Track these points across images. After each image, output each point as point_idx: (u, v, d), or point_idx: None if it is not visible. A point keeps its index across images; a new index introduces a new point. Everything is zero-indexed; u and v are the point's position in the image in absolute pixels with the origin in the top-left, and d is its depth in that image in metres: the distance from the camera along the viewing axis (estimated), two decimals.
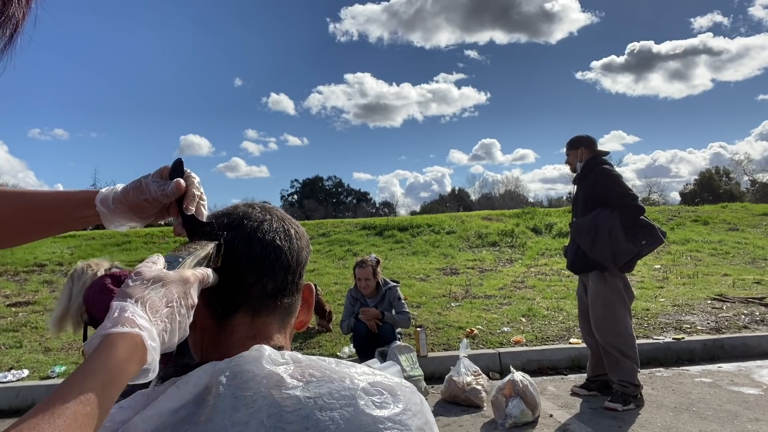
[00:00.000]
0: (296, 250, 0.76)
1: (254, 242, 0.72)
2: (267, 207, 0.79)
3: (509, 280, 7.69)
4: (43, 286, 7.99)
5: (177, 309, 0.59)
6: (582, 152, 4.07)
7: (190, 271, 0.63)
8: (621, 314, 3.81)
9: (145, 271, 0.59)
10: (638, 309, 5.83)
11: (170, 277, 0.60)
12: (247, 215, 0.75)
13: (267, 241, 0.73)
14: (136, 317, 0.54)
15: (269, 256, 0.72)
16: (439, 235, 10.78)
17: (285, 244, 0.74)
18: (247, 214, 0.75)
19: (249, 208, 0.77)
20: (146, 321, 0.55)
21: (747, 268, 8.26)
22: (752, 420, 3.43)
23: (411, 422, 0.62)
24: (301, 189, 53.38)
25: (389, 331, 4.55)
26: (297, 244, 0.76)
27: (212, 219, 0.76)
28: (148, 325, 0.54)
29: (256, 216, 0.75)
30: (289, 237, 0.75)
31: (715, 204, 14.69)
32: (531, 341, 5.11)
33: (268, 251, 0.72)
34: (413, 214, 23.14)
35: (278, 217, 0.78)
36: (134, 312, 0.54)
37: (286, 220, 0.78)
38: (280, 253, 0.73)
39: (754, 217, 12.01)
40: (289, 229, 0.77)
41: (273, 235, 0.73)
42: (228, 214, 0.76)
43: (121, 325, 0.52)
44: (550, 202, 41.99)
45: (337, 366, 0.67)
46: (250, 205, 0.78)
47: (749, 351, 4.91)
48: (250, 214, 0.75)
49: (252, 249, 0.72)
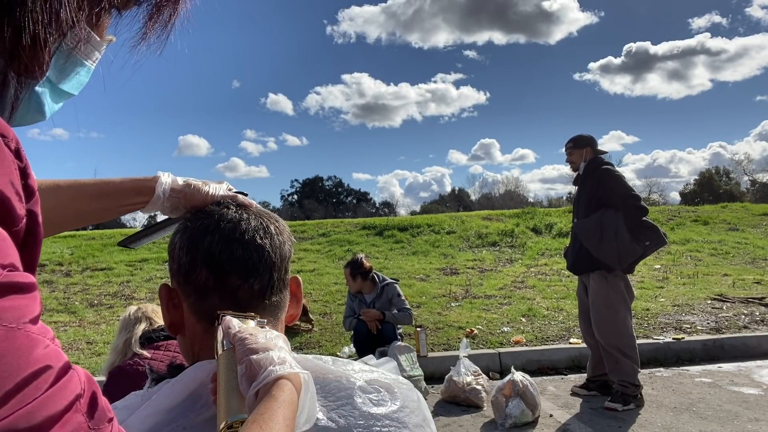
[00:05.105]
0: (278, 245, 0.73)
1: (234, 244, 0.70)
2: (242, 204, 0.77)
3: (509, 280, 7.68)
4: (43, 286, 8.00)
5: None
6: (586, 152, 4.06)
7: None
8: (622, 314, 3.80)
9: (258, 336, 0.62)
10: (638, 309, 5.83)
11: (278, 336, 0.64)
12: (223, 217, 0.73)
13: (247, 241, 0.70)
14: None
15: (251, 256, 0.70)
16: (439, 235, 10.77)
17: (266, 241, 0.72)
18: (223, 216, 0.73)
19: (224, 209, 0.74)
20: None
21: (747, 268, 8.25)
22: (752, 420, 3.43)
23: (408, 419, 0.62)
24: (301, 189, 53.41)
25: (390, 331, 4.54)
26: (278, 239, 0.74)
27: (186, 224, 0.74)
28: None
29: (232, 216, 0.73)
30: (269, 234, 0.73)
31: (715, 204, 14.67)
32: (531, 341, 5.10)
33: (250, 252, 0.70)
34: (413, 214, 23.12)
35: (255, 214, 0.75)
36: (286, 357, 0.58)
37: (264, 216, 0.75)
38: (263, 252, 0.71)
39: (754, 217, 12.00)
40: (268, 225, 0.74)
41: (252, 234, 0.71)
42: (202, 217, 0.74)
43: (289, 365, 0.57)
44: (550, 202, 41.97)
45: (333, 365, 0.66)
46: (225, 205, 0.76)
47: (749, 351, 4.91)
48: (226, 215, 0.73)
49: (233, 252, 0.69)
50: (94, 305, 6.87)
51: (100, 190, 0.81)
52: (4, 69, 0.45)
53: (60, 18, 0.44)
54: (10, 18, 0.42)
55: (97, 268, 8.82)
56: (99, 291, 7.55)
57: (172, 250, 0.73)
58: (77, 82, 0.54)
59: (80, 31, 0.48)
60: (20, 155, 0.38)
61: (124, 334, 1.91)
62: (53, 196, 0.77)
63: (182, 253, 0.71)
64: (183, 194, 0.80)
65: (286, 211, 23.51)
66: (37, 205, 0.39)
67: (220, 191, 0.80)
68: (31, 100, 0.50)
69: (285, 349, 0.60)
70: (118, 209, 0.83)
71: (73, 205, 0.80)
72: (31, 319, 0.34)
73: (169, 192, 0.80)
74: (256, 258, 0.70)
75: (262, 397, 0.53)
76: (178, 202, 0.80)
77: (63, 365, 0.35)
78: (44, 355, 0.34)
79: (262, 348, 0.58)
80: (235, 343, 0.59)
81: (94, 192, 0.81)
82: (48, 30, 0.44)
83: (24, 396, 0.32)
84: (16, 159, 0.37)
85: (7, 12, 0.42)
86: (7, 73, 0.45)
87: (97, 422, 0.36)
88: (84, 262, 9.16)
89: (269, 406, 0.52)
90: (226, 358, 0.59)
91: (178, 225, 0.76)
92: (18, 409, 0.31)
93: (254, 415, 0.51)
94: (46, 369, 0.34)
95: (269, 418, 0.50)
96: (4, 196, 0.35)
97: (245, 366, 0.56)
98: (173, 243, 0.74)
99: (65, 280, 8.17)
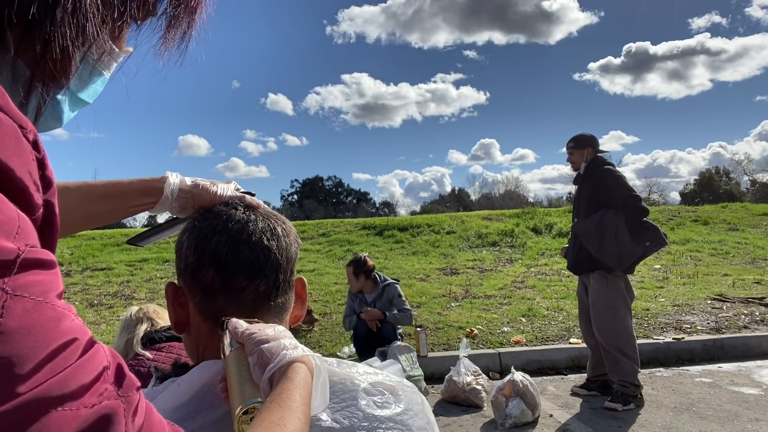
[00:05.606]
0: (285, 247, 0.74)
1: (241, 245, 0.70)
2: (250, 205, 0.77)
3: (509, 280, 7.68)
4: None
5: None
6: (588, 152, 4.05)
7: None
8: (622, 314, 3.81)
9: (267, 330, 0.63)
10: (638, 309, 5.83)
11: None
12: (231, 217, 0.73)
13: (254, 242, 0.71)
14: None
15: (258, 257, 0.70)
16: (439, 235, 10.77)
17: (273, 243, 0.72)
18: (231, 216, 0.73)
19: (232, 210, 0.75)
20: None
21: (747, 268, 8.25)
22: (752, 420, 3.43)
23: (412, 422, 0.62)
24: (301, 189, 53.44)
25: (390, 331, 4.54)
26: (285, 241, 0.74)
27: (194, 224, 0.75)
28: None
29: (240, 217, 0.73)
30: (276, 235, 0.73)
31: (715, 204, 14.67)
32: (531, 341, 5.11)
33: (257, 253, 0.71)
34: (413, 214, 23.12)
35: (263, 215, 0.76)
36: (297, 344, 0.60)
37: (272, 218, 0.76)
38: (269, 254, 0.71)
39: (754, 217, 12.00)
40: (276, 226, 0.74)
41: (260, 236, 0.72)
42: (210, 217, 0.75)
43: (301, 349, 0.59)
44: (550, 202, 42.02)
45: (337, 367, 0.66)
46: (233, 205, 0.76)
47: (749, 351, 4.91)
48: (234, 216, 0.73)
49: (240, 252, 0.70)
50: (94, 305, 6.87)
51: (109, 191, 0.82)
52: (31, 78, 0.47)
53: (86, 31, 0.47)
54: (41, 31, 0.45)
55: (97, 268, 8.82)
56: (99, 291, 7.55)
57: (179, 249, 0.74)
58: (93, 91, 0.56)
59: (104, 43, 0.51)
60: (38, 146, 0.39)
61: (125, 334, 1.90)
62: (62, 198, 0.77)
63: (189, 252, 0.72)
64: (191, 194, 0.80)
65: (286, 211, 23.42)
66: (54, 196, 0.40)
67: (228, 191, 0.80)
68: (51, 107, 0.52)
69: (294, 339, 0.61)
70: (127, 210, 0.83)
71: (83, 206, 0.81)
72: (57, 294, 0.36)
73: (178, 192, 0.80)
74: (263, 259, 0.71)
75: (278, 380, 0.54)
76: (186, 203, 0.81)
77: (89, 339, 0.37)
78: (71, 328, 0.35)
79: (272, 338, 0.59)
80: (243, 340, 0.60)
81: (103, 193, 0.82)
82: (75, 43, 0.47)
83: (55, 365, 0.33)
84: (34, 150, 0.38)
85: (37, 25, 0.44)
86: (33, 81, 0.47)
87: (125, 390, 0.38)
88: (84, 262, 9.16)
89: (286, 387, 0.53)
90: (236, 355, 0.59)
91: (186, 224, 0.77)
92: (50, 378, 0.33)
93: (272, 396, 0.52)
94: (73, 341, 0.35)
95: (288, 397, 0.51)
96: (23, 184, 0.36)
97: (257, 356, 0.57)
98: (181, 242, 0.74)
99: (65, 280, 8.13)
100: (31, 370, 0.32)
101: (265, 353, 0.56)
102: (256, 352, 0.57)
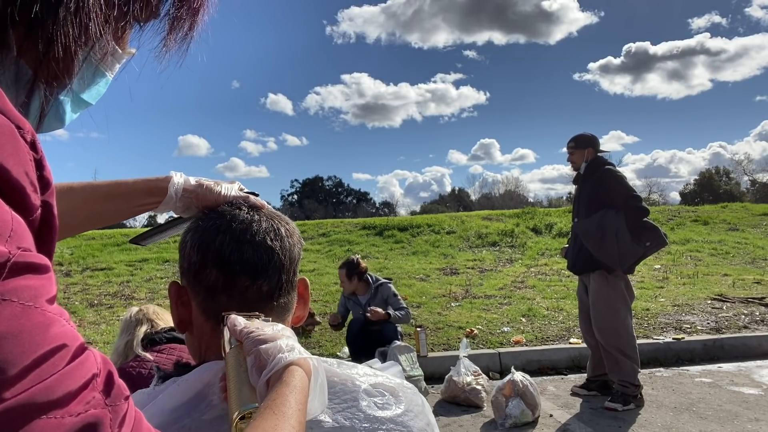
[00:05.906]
0: (288, 248, 0.74)
1: (244, 245, 0.70)
2: (254, 205, 0.78)
3: (509, 280, 7.68)
4: None
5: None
6: (588, 152, 4.05)
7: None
8: (622, 314, 3.81)
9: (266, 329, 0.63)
10: (638, 309, 5.83)
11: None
12: (235, 217, 0.73)
13: (257, 243, 0.71)
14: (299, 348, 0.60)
15: (261, 258, 0.71)
16: (439, 235, 10.77)
17: (276, 243, 0.72)
18: (235, 216, 0.74)
19: (236, 210, 0.75)
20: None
21: (747, 268, 8.25)
22: (752, 420, 3.43)
23: (413, 423, 0.62)
24: (301, 189, 53.43)
25: (392, 331, 4.53)
26: (288, 242, 0.75)
27: (198, 224, 0.75)
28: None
29: (244, 217, 0.73)
30: (279, 236, 0.73)
31: (715, 204, 14.67)
32: (531, 341, 5.11)
33: (260, 253, 0.71)
34: (413, 214, 23.13)
35: (266, 215, 0.76)
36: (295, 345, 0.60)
37: (276, 218, 0.76)
38: (273, 254, 0.72)
39: (754, 217, 12.00)
40: (279, 227, 0.75)
41: (263, 236, 0.72)
42: (214, 217, 0.75)
43: (299, 352, 0.58)
44: (550, 202, 42.01)
45: (338, 367, 0.67)
46: (237, 206, 0.77)
47: (749, 351, 4.91)
48: (238, 216, 0.74)
49: (243, 252, 0.70)
50: (94, 305, 6.87)
51: (113, 191, 0.82)
52: (33, 78, 0.47)
53: (89, 31, 0.47)
54: (43, 30, 0.44)
55: (97, 268, 8.81)
56: (99, 291, 7.55)
57: (183, 248, 0.74)
58: (96, 92, 0.56)
59: (106, 44, 0.51)
60: (36, 147, 0.39)
61: (125, 335, 1.90)
62: (67, 198, 0.77)
63: (193, 251, 0.72)
64: (195, 194, 0.80)
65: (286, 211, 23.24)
66: (52, 196, 0.40)
67: (232, 192, 0.80)
68: (54, 108, 0.52)
69: (293, 338, 0.61)
70: (131, 210, 0.83)
71: (87, 207, 0.81)
72: (48, 299, 0.35)
73: (182, 192, 0.80)
74: (266, 259, 0.71)
75: (273, 384, 0.54)
76: (191, 202, 0.81)
77: (79, 345, 0.36)
78: (60, 334, 0.35)
79: (270, 338, 0.58)
80: (242, 338, 0.60)
81: (107, 193, 0.82)
82: (78, 42, 0.47)
83: (41, 372, 0.33)
84: (32, 150, 0.38)
85: (40, 24, 0.44)
86: (35, 81, 0.47)
87: (113, 399, 0.37)
88: (84, 262, 9.16)
89: (281, 392, 0.53)
90: (234, 354, 0.59)
91: (190, 224, 0.77)
92: (36, 384, 0.32)
93: (267, 402, 0.52)
94: (62, 347, 0.34)
95: (282, 403, 0.51)
96: (19, 185, 0.36)
97: (254, 357, 0.57)
98: (184, 241, 0.74)
99: (65, 280, 8.16)
100: (17, 376, 0.31)
101: (262, 355, 0.56)
102: (254, 353, 0.57)
